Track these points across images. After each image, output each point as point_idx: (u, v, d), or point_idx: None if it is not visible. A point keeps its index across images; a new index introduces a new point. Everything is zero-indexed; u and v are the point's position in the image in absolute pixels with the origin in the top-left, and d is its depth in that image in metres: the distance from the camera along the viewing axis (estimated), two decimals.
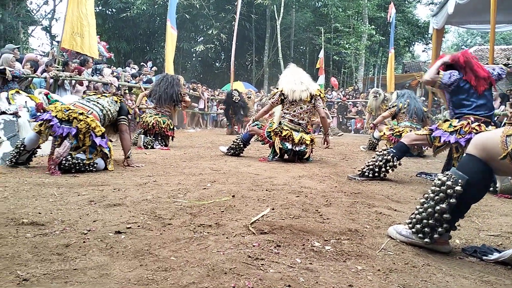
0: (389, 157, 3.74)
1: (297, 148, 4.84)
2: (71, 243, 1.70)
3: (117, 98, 4.27)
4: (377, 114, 11.29)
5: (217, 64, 29.21)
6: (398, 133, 6.22)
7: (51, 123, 3.52)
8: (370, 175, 3.77)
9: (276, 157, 5.00)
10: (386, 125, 6.91)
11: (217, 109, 15.86)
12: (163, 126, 6.36)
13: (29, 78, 7.11)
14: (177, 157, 5.07)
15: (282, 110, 5.07)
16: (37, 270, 1.41)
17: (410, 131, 5.24)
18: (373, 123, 7.03)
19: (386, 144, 6.37)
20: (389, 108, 6.94)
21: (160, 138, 6.41)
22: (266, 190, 2.97)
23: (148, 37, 24.61)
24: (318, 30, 22.41)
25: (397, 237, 1.92)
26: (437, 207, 1.75)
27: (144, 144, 6.16)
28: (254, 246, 1.73)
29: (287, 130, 4.83)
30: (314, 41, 25.46)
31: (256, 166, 4.39)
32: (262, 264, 1.53)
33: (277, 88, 5.19)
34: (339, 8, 23.59)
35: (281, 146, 4.83)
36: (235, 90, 11.93)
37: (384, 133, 6.50)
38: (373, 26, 22.92)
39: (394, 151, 3.78)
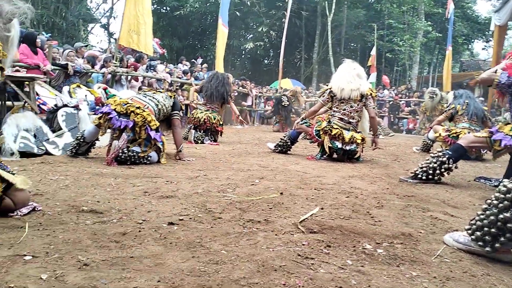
0: (444, 159, 3.55)
1: (347, 147, 4.72)
2: (127, 231, 1.77)
3: (171, 94, 4.45)
4: (432, 114, 10.85)
5: (265, 61, 29.24)
6: (455, 135, 5.89)
7: (109, 116, 3.69)
8: (424, 177, 3.60)
9: (324, 156, 4.93)
10: (442, 125, 6.58)
11: (265, 106, 15.96)
12: (214, 121, 6.48)
13: (89, 73, 7.49)
14: (226, 153, 5.14)
15: (331, 108, 4.98)
16: (97, 256, 1.48)
17: (468, 132, 4.96)
18: (430, 127, 6.72)
19: (441, 146, 6.05)
20: (445, 110, 6.60)
21: (210, 134, 6.54)
22: (315, 189, 2.94)
23: (199, 35, 25.16)
24: (371, 26, 21.81)
25: (454, 245, 1.83)
26: (501, 216, 1.65)
27: (195, 139, 6.31)
28: (303, 245, 1.71)
29: (337, 128, 4.73)
30: (366, 38, 24.76)
31: (304, 164, 4.35)
32: (312, 264, 1.51)
33: (327, 85, 5.10)
34: (394, 4, 22.81)
35: (330, 145, 4.74)
36: (283, 95, 11.86)
37: (439, 134, 6.18)
38: (429, 23, 21.95)
39: (450, 153, 3.58)
